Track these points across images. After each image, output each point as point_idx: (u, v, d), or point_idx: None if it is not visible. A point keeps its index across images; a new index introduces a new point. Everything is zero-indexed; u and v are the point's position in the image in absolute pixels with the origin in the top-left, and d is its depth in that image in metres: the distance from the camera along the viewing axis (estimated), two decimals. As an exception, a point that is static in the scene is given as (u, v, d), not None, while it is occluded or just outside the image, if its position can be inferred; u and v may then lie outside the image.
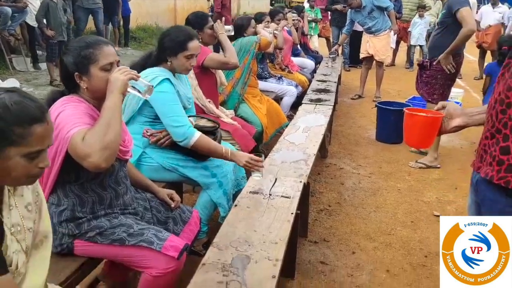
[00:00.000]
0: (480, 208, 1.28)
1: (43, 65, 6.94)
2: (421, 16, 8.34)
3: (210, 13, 10.78)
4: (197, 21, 3.17)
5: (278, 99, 4.70)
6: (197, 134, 2.29)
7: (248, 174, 2.51)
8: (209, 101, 3.12)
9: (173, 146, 2.40)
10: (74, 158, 1.53)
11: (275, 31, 4.50)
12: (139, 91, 1.68)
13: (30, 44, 7.26)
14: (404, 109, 1.55)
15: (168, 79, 2.28)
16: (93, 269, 1.83)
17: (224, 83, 3.51)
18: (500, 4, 7.79)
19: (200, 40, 3.15)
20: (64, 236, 1.67)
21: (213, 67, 3.15)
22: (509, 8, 7.96)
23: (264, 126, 3.60)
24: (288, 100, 4.77)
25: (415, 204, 3.35)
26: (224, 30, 3.22)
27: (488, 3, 8.75)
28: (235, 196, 2.46)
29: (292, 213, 2.05)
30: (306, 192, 2.57)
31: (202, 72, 3.07)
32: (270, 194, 2.22)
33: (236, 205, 2.11)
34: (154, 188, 2.02)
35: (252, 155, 2.35)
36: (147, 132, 2.34)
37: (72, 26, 7.54)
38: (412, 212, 3.21)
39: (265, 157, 2.68)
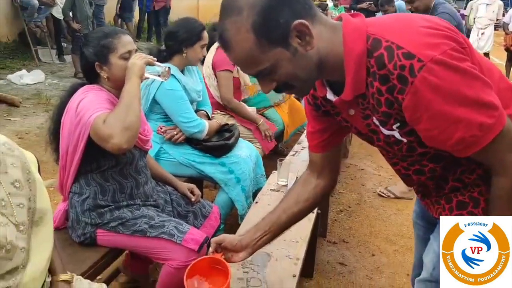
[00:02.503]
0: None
1: (68, 58, 7.06)
2: None
3: None
4: None
5: (299, 97, 4.65)
6: (206, 124, 2.40)
7: (269, 172, 2.50)
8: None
9: (189, 142, 2.42)
10: (96, 141, 1.55)
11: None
12: (157, 75, 1.72)
13: (55, 36, 7.39)
14: (185, 281, 1.23)
15: (172, 75, 2.27)
16: (115, 259, 1.84)
17: (248, 84, 3.43)
18: (529, 6, 7.59)
19: None
20: (87, 225, 1.69)
21: (218, 81, 2.98)
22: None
23: (286, 125, 3.57)
24: (309, 99, 4.72)
25: (437, 208, 3.28)
26: None
27: (517, 5, 8.52)
28: (254, 194, 2.45)
29: (313, 212, 2.02)
30: (326, 192, 2.54)
31: None
32: (291, 192, 2.19)
33: (256, 202, 2.09)
34: (175, 182, 2.03)
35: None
36: (161, 129, 2.38)
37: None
38: (434, 217, 3.14)
39: (285, 156, 2.66)
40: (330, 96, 1.04)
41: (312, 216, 1.98)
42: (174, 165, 2.38)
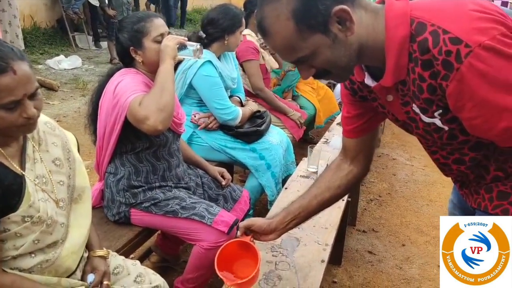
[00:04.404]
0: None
1: (104, 44, 7.19)
2: None
3: None
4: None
5: (331, 85, 4.60)
6: (240, 111, 2.42)
7: (298, 159, 2.50)
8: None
9: (222, 128, 2.45)
10: (132, 123, 1.59)
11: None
12: (189, 54, 1.73)
13: (92, 22, 7.54)
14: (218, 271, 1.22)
15: (209, 61, 2.30)
16: (148, 239, 1.89)
17: (274, 67, 3.40)
18: None
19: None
20: (121, 204, 1.74)
21: (246, 71, 2.97)
22: None
23: (318, 109, 3.54)
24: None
25: (472, 200, 3.20)
26: None
27: None
28: (284, 181, 2.46)
29: (343, 200, 2.01)
30: (357, 180, 2.52)
31: None
32: (321, 179, 2.18)
33: (286, 188, 2.10)
34: (206, 165, 2.06)
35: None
36: (195, 116, 2.41)
37: (132, 7, 7.74)
38: (468, 209, 3.07)
39: (315, 144, 2.65)
40: (368, 81, 1.02)
41: (342, 204, 1.97)
42: (206, 150, 2.42)
